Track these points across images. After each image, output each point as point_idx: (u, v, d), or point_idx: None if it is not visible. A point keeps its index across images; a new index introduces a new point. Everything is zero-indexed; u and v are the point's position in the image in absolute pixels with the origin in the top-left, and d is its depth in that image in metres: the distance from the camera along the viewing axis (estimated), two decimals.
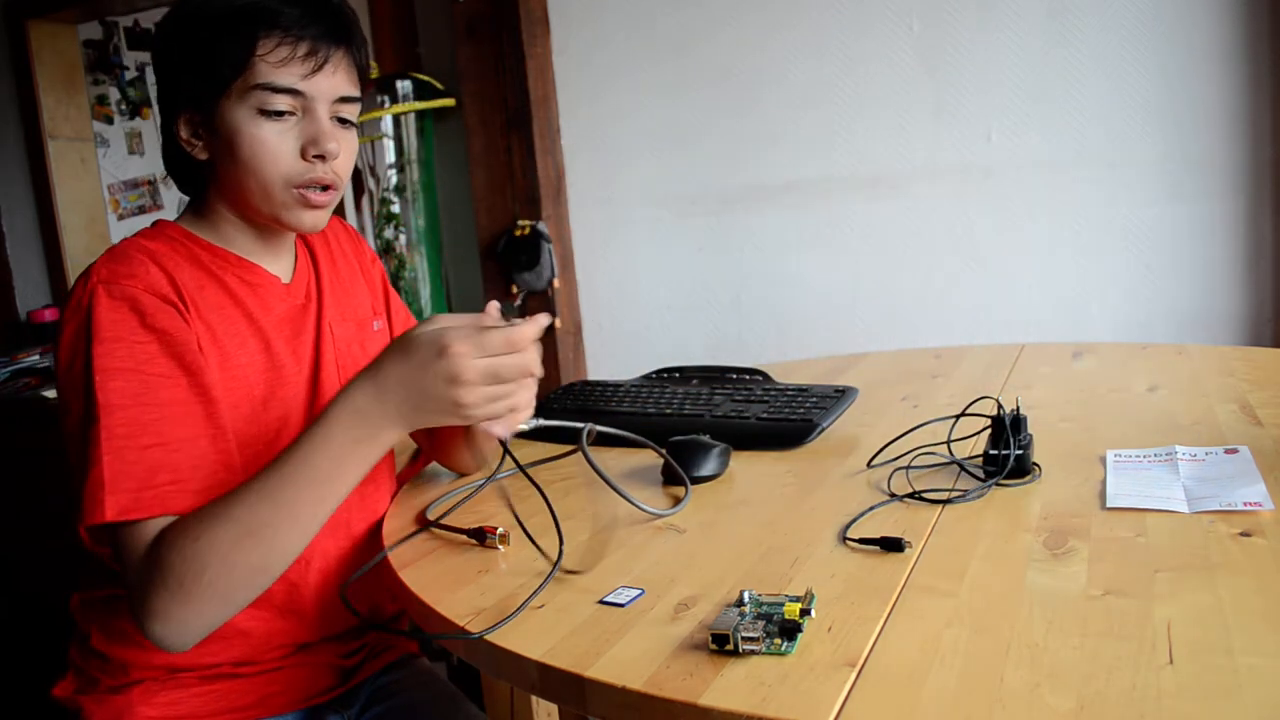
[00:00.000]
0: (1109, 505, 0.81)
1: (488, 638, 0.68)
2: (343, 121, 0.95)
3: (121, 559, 0.81)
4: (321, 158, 0.91)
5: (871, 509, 0.86)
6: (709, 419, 1.16)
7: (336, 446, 0.79)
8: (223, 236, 0.97)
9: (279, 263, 1.01)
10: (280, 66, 0.89)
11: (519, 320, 0.78)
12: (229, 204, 0.96)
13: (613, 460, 1.10)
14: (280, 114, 0.90)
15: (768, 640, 0.62)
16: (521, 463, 1.11)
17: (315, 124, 0.91)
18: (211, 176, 0.95)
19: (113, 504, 0.79)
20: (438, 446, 1.11)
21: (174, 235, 0.95)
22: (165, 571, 0.78)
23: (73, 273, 2.90)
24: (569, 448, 1.12)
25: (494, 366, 0.76)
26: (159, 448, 0.82)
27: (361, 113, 2.43)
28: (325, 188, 0.93)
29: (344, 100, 0.93)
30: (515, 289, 2.24)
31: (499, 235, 2.25)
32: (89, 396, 0.82)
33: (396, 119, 2.32)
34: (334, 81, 0.92)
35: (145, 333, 0.85)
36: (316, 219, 0.95)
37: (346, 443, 0.79)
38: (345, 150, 0.94)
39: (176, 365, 0.86)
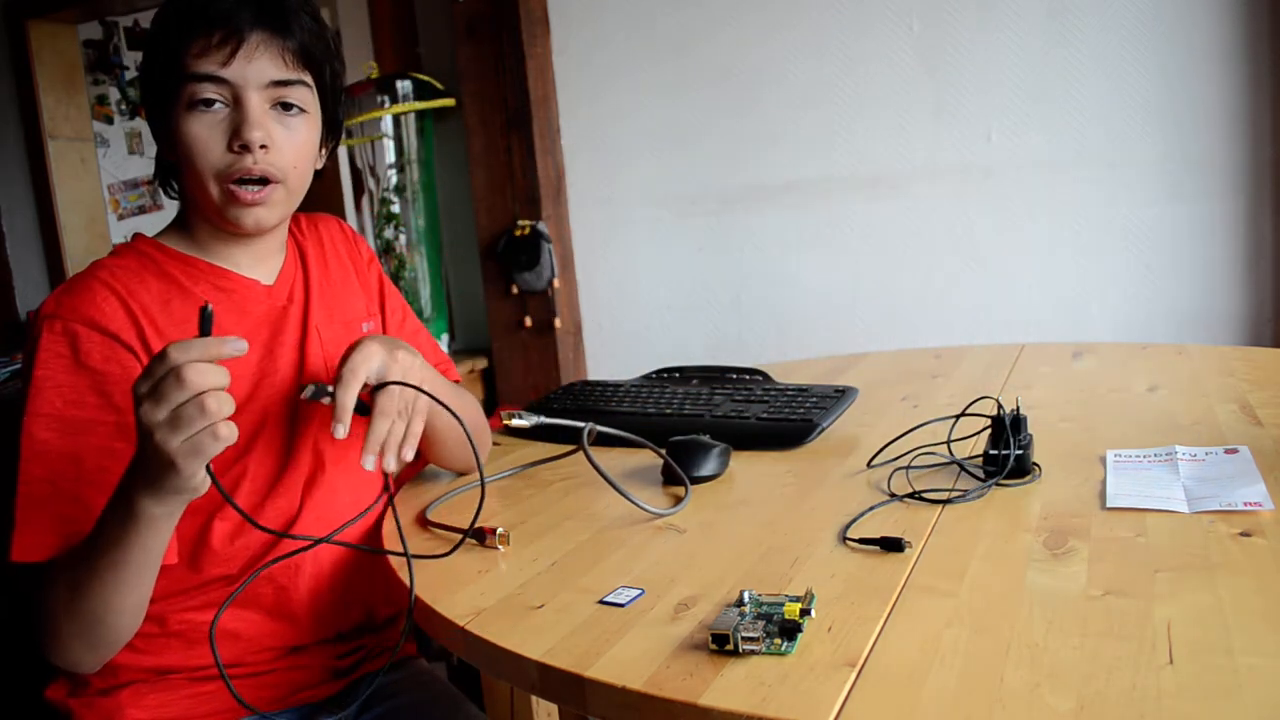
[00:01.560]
0: (1109, 505, 0.81)
1: (488, 637, 0.68)
2: (287, 107, 0.92)
3: (23, 590, 0.86)
4: (247, 148, 0.89)
5: (871, 509, 0.86)
6: (709, 419, 1.16)
7: (110, 521, 0.78)
8: (200, 244, 0.97)
9: (261, 265, 1.00)
10: (200, 56, 0.88)
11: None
12: (193, 207, 0.96)
13: (613, 460, 1.10)
14: (209, 105, 0.89)
15: (768, 640, 0.61)
16: (523, 463, 1.12)
17: (240, 112, 0.89)
18: (181, 179, 0.96)
19: (18, 544, 0.84)
20: (431, 448, 1.11)
21: (144, 250, 0.96)
22: (39, 611, 0.84)
23: (73, 273, 2.91)
24: (569, 447, 1.12)
25: (162, 393, 0.69)
26: (71, 492, 0.85)
27: (361, 112, 2.44)
28: (265, 182, 0.91)
29: (279, 84, 0.91)
30: (515, 289, 2.24)
31: (499, 235, 2.25)
32: (19, 436, 0.86)
33: (396, 119, 2.33)
34: (258, 65, 0.89)
35: (77, 372, 0.87)
36: (257, 217, 0.92)
37: (117, 519, 0.77)
38: (284, 140, 0.91)
39: (106, 404, 0.87)
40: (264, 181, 0.91)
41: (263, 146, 0.90)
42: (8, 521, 0.85)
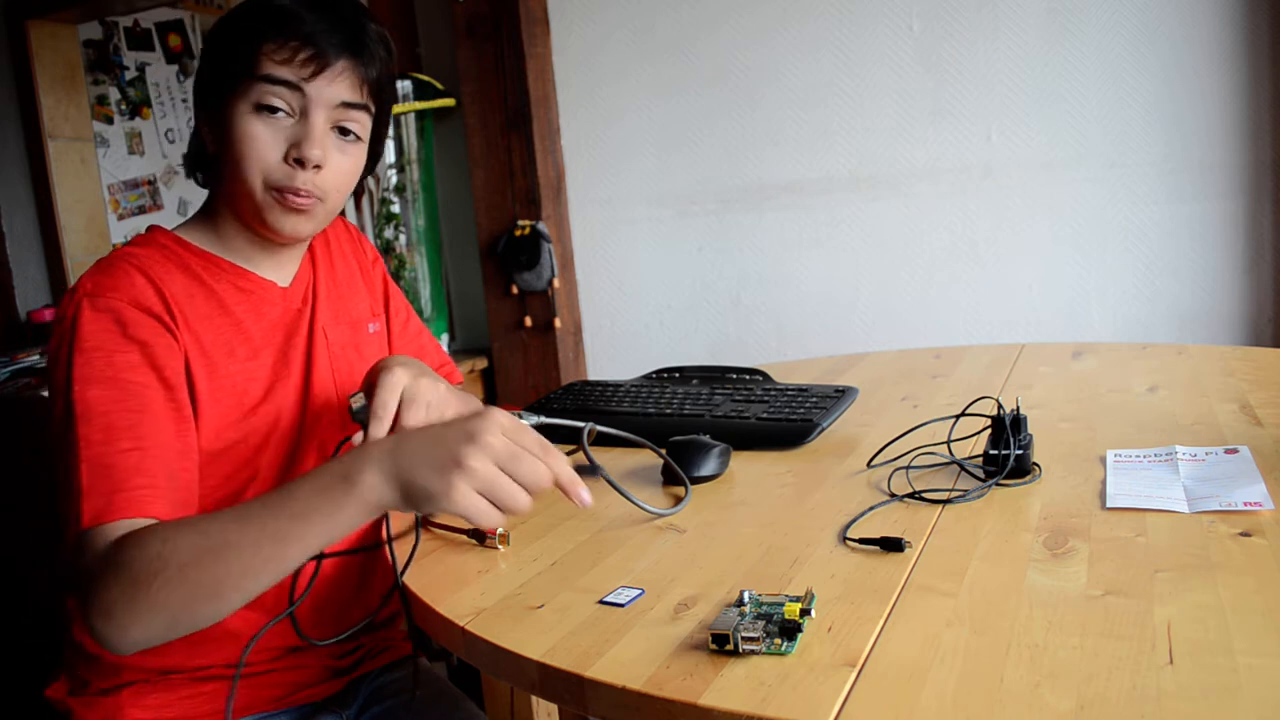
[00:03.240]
0: (1109, 505, 0.81)
1: (488, 637, 0.68)
2: (344, 133, 0.93)
3: (82, 557, 0.78)
4: (301, 163, 0.90)
5: (871, 509, 0.86)
6: (709, 419, 1.16)
7: (318, 479, 0.73)
8: (224, 240, 0.98)
9: (281, 267, 1.01)
10: (282, 63, 0.89)
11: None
12: (228, 203, 0.96)
13: (613, 460, 1.10)
14: (274, 111, 0.90)
15: (768, 640, 0.61)
16: None
17: (306, 126, 0.90)
18: (217, 172, 0.96)
19: (88, 508, 0.78)
20: None
21: (165, 243, 0.96)
22: (121, 569, 0.74)
23: (73, 273, 2.91)
24: (570, 447, 1.12)
25: (517, 453, 0.71)
26: (136, 451, 0.82)
27: None
28: (309, 196, 0.92)
29: (346, 106, 0.92)
30: (515, 289, 2.24)
31: (499, 235, 2.25)
32: (69, 406, 0.82)
33: (396, 119, 2.33)
34: (335, 88, 0.91)
35: (127, 343, 0.86)
36: (296, 225, 0.93)
37: (329, 478, 0.73)
38: (337, 163, 0.93)
39: (155, 377, 0.87)
40: (308, 195, 0.92)
41: (316, 166, 0.91)
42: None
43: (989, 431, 0.92)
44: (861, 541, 0.78)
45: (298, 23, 0.89)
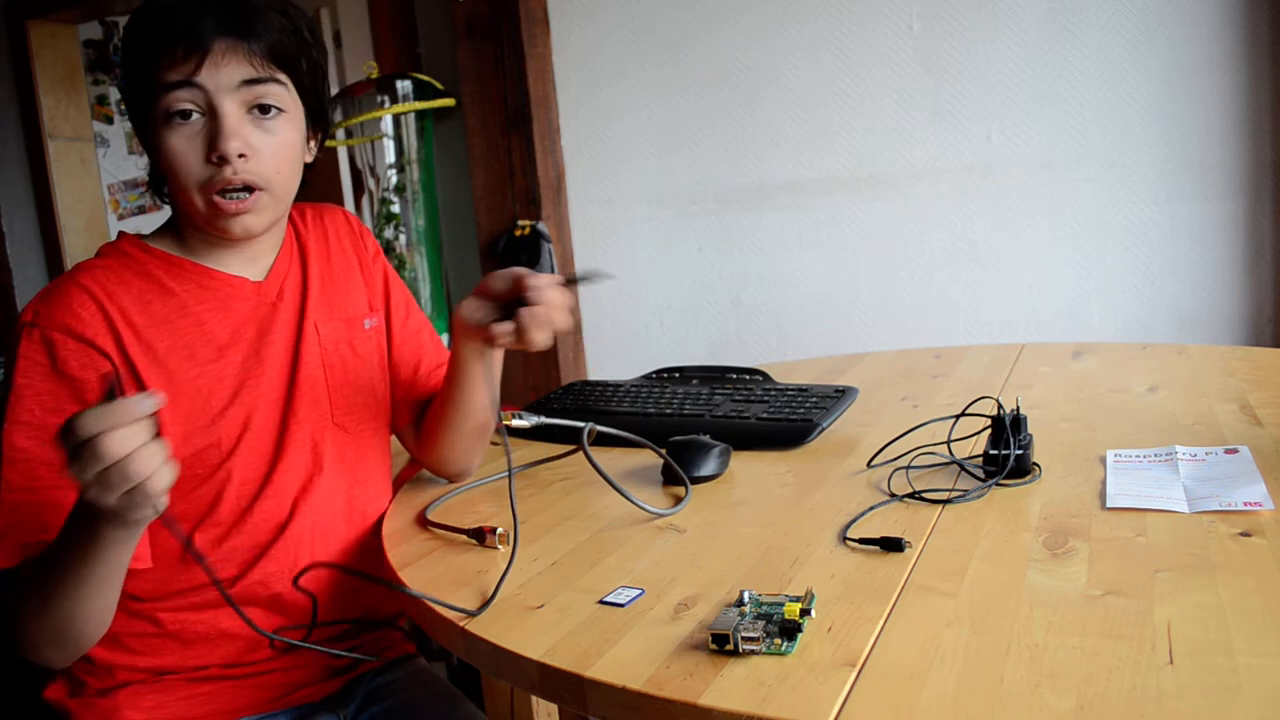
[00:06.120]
0: (1109, 505, 0.81)
1: (488, 637, 0.68)
2: (264, 110, 0.90)
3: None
4: (225, 159, 0.88)
5: (871, 509, 0.86)
6: (709, 419, 1.16)
7: (78, 527, 0.77)
8: (189, 243, 0.97)
9: (253, 263, 1.00)
10: (169, 67, 0.87)
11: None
12: (184, 215, 0.96)
13: (613, 460, 1.10)
14: (186, 116, 0.88)
15: (768, 640, 0.62)
16: (523, 463, 1.12)
17: (215, 121, 0.88)
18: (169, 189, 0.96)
19: (3, 552, 0.85)
20: (424, 448, 1.10)
21: (128, 250, 0.96)
22: (12, 615, 0.86)
23: None
24: (569, 447, 1.12)
25: (75, 449, 0.68)
26: (52, 499, 0.86)
27: (361, 112, 2.43)
28: (249, 189, 0.90)
29: (252, 83, 0.89)
30: None
31: (499, 235, 2.25)
32: (1, 445, 0.87)
33: (396, 119, 2.33)
34: (226, 72, 0.88)
35: (55, 380, 0.88)
36: (245, 224, 0.92)
37: (78, 524, 0.77)
38: (263, 145, 0.90)
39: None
40: (248, 189, 0.90)
41: (241, 155, 0.89)
42: None
43: (989, 431, 0.92)
44: (861, 541, 0.78)
45: (170, 18, 0.87)
